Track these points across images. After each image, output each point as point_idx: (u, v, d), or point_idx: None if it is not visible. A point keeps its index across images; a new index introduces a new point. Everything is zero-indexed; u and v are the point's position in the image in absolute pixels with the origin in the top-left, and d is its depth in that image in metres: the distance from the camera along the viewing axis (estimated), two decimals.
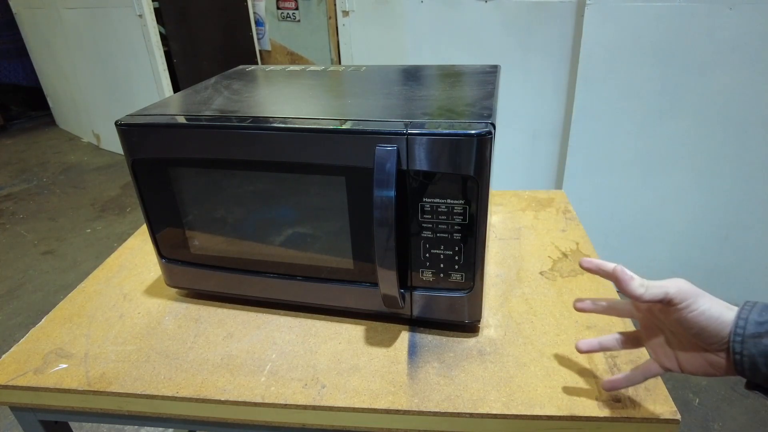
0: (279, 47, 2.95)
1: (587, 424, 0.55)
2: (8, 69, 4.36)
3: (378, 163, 0.55)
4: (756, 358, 0.43)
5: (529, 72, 1.88)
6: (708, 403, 1.50)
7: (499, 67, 0.84)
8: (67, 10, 3.26)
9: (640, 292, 0.46)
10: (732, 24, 1.46)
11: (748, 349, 0.43)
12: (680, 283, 0.46)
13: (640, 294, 0.46)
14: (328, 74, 0.86)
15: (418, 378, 0.60)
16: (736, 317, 0.44)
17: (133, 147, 0.65)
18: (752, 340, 0.43)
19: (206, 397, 0.59)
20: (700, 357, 0.47)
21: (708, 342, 0.46)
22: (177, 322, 0.72)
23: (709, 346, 0.46)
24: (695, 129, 1.63)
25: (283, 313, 0.72)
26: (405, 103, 0.66)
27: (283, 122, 0.60)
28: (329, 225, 0.64)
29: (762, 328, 0.43)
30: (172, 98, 0.75)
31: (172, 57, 2.92)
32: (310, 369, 0.62)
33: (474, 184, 0.56)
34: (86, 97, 3.66)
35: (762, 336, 0.42)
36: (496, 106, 0.63)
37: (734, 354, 0.44)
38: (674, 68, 1.58)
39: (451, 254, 0.61)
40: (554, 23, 1.76)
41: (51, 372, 0.64)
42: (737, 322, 0.44)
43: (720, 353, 0.46)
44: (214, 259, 0.71)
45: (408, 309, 0.66)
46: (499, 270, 0.80)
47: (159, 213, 0.70)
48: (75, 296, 0.79)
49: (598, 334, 0.65)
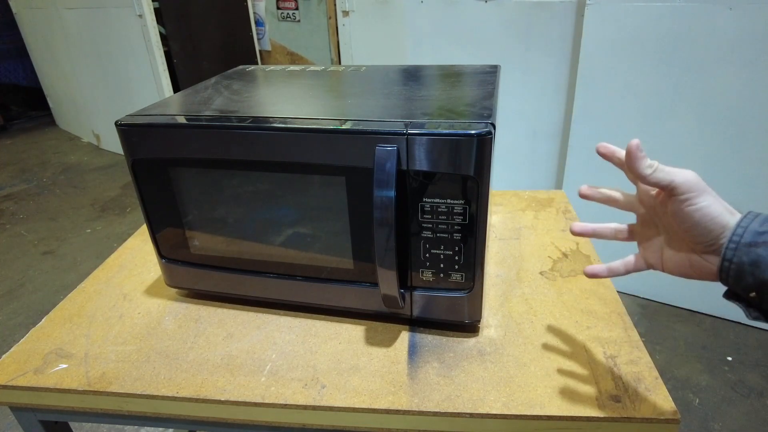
0: (279, 47, 2.95)
1: (587, 424, 0.55)
2: (8, 69, 4.37)
3: (378, 163, 0.55)
4: (744, 266, 0.42)
5: (529, 72, 1.88)
6: (708, 403, 1.50)
7: (499, 67, 0.84)
8: (67, 10, 3.27)
9: (647, 172, 0.45)
10: (732, 24, 1.46)
11: (738, 257, 0.42)
12: (689, 174, 0.44)
13: (646, 174, 0.45)
14: (328, 74, 0.86)
15: (418, 378, 0.60)
16: (736, 225, 0.43)
17: (133, 147, 0.65)
18: (746, 248, 0.42)
19: (206, 397, 0.59)
20: (685, 257, 0.47)
21: (698, 240, 0.45)
22: (177, 322, 0.72)
23: (698, 245, 0.45)
24: (695, 129, 1.63)
25: (283, 313, 0.72)
26: (405, 103, 0.66)
27: (283, 122, 0.60)
28: (329, 225, 0.64)
29: (760, 237, 0.42)
30: (172, 98, 0.75)
31: (172, 57, 2.92)
32: (310, 369, 0.62)
33: (474, 184, 0.56)
34: (86, 97, 3.66)
35: (758, 245, 0.41)
36: (496, 106, 0.63)
37: (723, 260, 0.43)
38: (674, 68, 1.58)
39: (451, 254, 0.61)
40: (554, 23, 1.76)
41: (51, 372, 0.64)
42: (736, 229, 0.43)
43: (705, 255, 0.45)
44: (214, 259, 0.71)
45: (408, 309, 0.66)
46: (499, 270, 0.80)
47: (159, 213, 0.70)
48: (75, 296, 0.79)
49: (597, 335, 0.65)
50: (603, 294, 0.73)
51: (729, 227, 0.43)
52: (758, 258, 0.41)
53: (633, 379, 0.58)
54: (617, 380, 0.58)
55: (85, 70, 3.48)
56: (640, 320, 1.85)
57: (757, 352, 1.68)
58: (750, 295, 0.43)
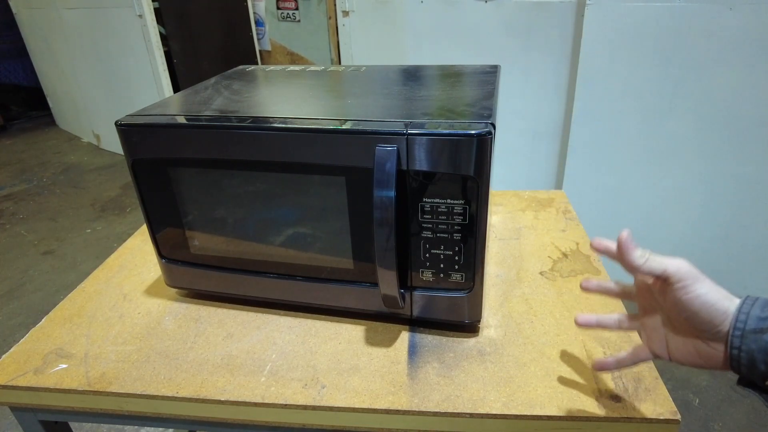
0: (279, 47, 2.95)
1: (587, 424, 0.55)
2: (8, 69, 4.36)
3: (378, 163, 0.55)
4: (755, 354, 0.42)
5: (529, 72, 1.88)
6: (708, 403, 1.50)
7: (499, 67, 0.84)
8: (67, 10, 3.26)
9: (639, 262, 0.46)
10: (732, 24, 1.46)
11: (747, 345, 0.42)
12: (681, 262, 0.45)
13: (639, 264, 0.46)
14: (328, 74, 0.86)
15: (418, 378, 0.60)
16: (737, 311, 0.43)
17: (133, 147, 0.65)
18: (753, 335, 0.42)
19: (206, 397, 0.59)
20: (691, 344, 0.47)
21: (700, 328, 0.45)
22: (177, 322, 0.72)
23: (701, 333, 0.45)
24: (695, 129, 1.63)
25: (283, 313, 0.72)
26: (405, 103, 0.66)
27: (283, 122, 0.60)
28: (329, 225, 0.64)
29: (764, 323, 0.42)
30: (172, 98, 0.75)
31: (172, 57, 2.92)
32: (310, 369, 0.62)
33: (474, 184, 0.56)
34: (86, 97, 3.66)
35: (764, 332, 0.41)
36: (496, 106, 0.63)
37: (732, 348, 0.43)
38: (674, 68, 1.58)
39: (451, 254, 0.61)
40: (554, 23, 1.76)
41: (51, 372, 0.64)
42: (738, 316, 0.43)
43: (711, 343, 0.45)
44: (214, 259, 0.71)
45: (408, 309, 0.66)
46: (499, 270, 0.80)
47: (159, 213, 0.70)
48: (75, 296, 0.79)
49: (597, 335, 0.65)
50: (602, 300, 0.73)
51: (730, 313, 0.43)
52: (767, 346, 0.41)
53: (633, 379, 0.58)
54: (617, 380, 0.58)
55: (85, 70, 3.48)
56: None
57: None
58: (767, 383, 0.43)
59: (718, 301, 0.44)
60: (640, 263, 0.46)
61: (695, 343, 0.46)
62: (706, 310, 0.44)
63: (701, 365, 0.47)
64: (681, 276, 0.44)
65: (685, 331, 0.47)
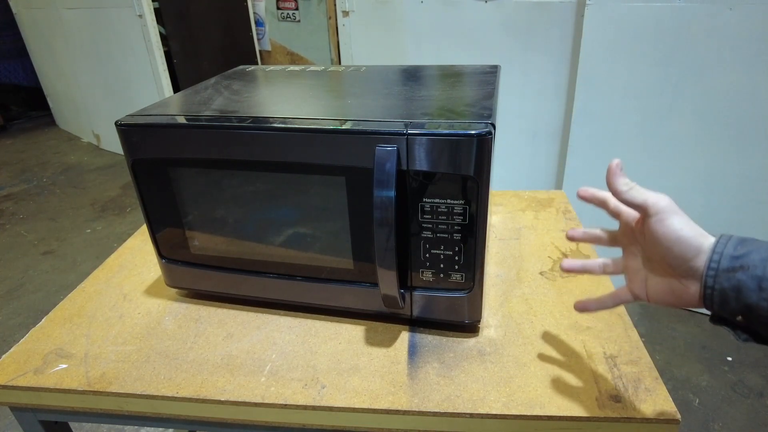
0: (279, 47, 2.95)
1: (587, 424, 0.55)
2: (8, 69, 4.36)
3: (378, 163, 0.55)
4: (727, 292, 0.42)
5: (529, 72, 1.88)
6: (708, 404, 1.50)
7: (499, 67, 0.84)
8: (67, 10, 3.27)
9: (623, 188, 0.47)
10: (732, 24, 1.46)
11: (720, 283, 0.43)
12: (662, 196, 0.46)
13: (622, 191, 0.46)
14: (328, 74, 0.86)
15: (418, 378, 0.60)
16: (711, 251, 0.44)
17: (133, 147, 0.65)
18: (726, 274, 0.42)
19: (206, 397, 0.59)
20: (666, 284, 0.47)
21: (674, 263, 0.45)
22: (177, 322, 0.72)
23: (675, 268, 0.46)
24: (695, 129, 1.63)
25: (283, 313, 0.72)
26: (405, 103, 0.66)
27: (283, 122, 0.60)
28: (329, 225, 0.64)
29: (736, 262, 0.42)
30: (172, 98, 0.75)
31: (172, 57, 2.92)
32: (310, 369, 0.62)
33: (474, 184, 0.56)
34: (86, 97, 3.66)
35: (736, 270, 0.42)
36: (496, 106, 0.63)
37: (706, 288, 0.44)
38: (674, 68, 1.58)
39: (451, 254, 0.61)
40: (554, 23, 1.76)
41: (51, 372, 0.64)
42: (712, 256, 0.43)
43: (685, 281, 0.46)
44: (214, 259, 0.71)
45: (408, 309, 0.66)
46: (499, 270, 0.80)
47: (159, 213, 0.70)
48: (75, 296, 0.79)
49: (597, 335, 0.65)
50: (601, 291, 0.73)
51: (703, 250, 0.44)
52: (739, 284, 0.42)
53: (633, 379, 0.58)
54: (617, 380, 0.58)
55: (85, 70, 3.48)
56: (640, 320, 1.85)
57: (757, 352, 1.68)
58: (737, 318, 0.44)
59: (693, 237, 0.44)
60: (624, 189, 0.46)
61: (670, 282, 0.47)
62: (679, 244, 0.44)
63: (674, 304, 0.47)
64: (659, 208, 0.45)
65: (661, 270, 0.48)
